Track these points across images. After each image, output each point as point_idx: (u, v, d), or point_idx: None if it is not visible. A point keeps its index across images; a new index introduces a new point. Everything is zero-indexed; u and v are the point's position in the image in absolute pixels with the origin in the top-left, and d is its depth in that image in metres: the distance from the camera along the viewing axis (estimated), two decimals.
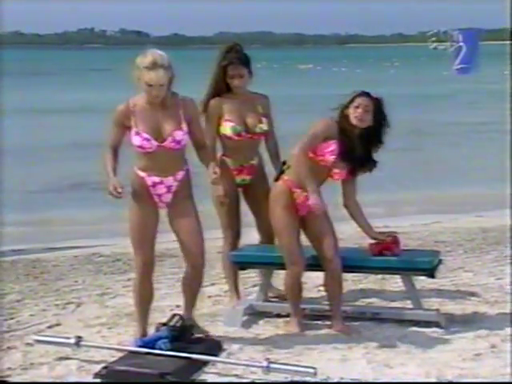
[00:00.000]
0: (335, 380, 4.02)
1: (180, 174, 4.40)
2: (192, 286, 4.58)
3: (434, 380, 4.03)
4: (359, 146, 4.67)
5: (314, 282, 5.59)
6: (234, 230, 5.17)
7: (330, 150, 4.61)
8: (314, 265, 4.78)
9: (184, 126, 4.34)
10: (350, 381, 4.01)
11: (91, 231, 8.83)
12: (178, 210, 4.43)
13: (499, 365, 4.17)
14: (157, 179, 4.36)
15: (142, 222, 4.40)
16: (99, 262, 6.87)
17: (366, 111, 4.63)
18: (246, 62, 5.01)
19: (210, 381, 4.06)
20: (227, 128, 4.99)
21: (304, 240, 4.83)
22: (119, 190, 4.22)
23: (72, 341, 4.37)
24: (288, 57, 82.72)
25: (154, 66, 4.20)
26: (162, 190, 4.39)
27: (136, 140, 4.31)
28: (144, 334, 4.50)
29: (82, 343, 4.37)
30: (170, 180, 4.37)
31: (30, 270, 6.63)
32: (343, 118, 4.66)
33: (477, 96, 26.60)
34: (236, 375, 4.08)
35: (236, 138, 4.99)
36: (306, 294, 5.20)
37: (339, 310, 4.80)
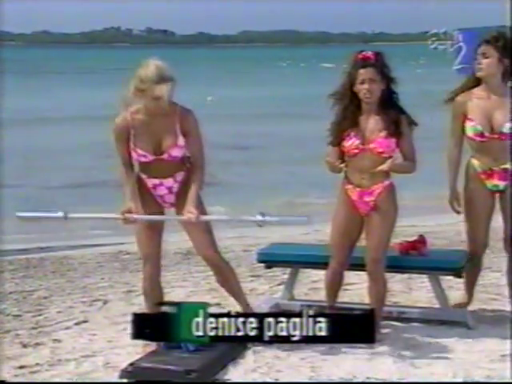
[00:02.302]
0: (360, 380, 4.00)
1: (180, 175, 4.40)
2: (225, 286, 4.63)
3: (460, 380, 4.01)
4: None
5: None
6: (484, 241, 4.94)
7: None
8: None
9: (181, 142, 4.31)
10: (374, 381, 3.99)
11: (117, 228, 8.90)
12: (183, 211, 4.36)
13: None
14: (156, 181, 4.38)
15: (147, 224, 4.40)
16: (125, 260, 6.94)
17: (372, 82, 4.42)
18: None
19: (233, 380, 4.06)
20: (468, 128, 4.66)
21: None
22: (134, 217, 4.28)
23: (60, 214, 4.36)
24: (314, 55, 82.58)
25: (161, 79, 4.14)
26: (163, 191, 4.40)
27: (133, 155, 4.34)
28: None
29: (70, 216, 4.39)
30: (169, 181, 4.38)
31: (57, 267, 6.71)
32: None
33: None
34: (261, 373, 4.09)
35: (478, 138, 4.64)
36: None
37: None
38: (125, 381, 4.02)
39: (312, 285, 5.64)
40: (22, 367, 4.22)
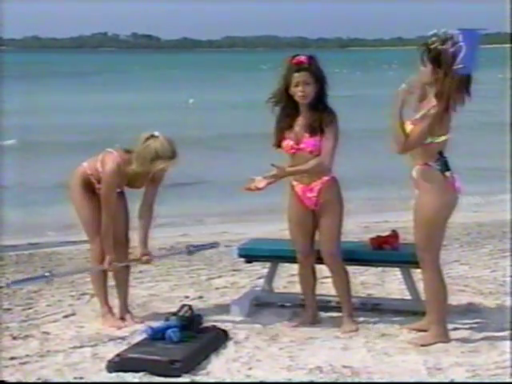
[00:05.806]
0: (337, 367, 4.14)
1: None
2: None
3: (430, 366, 4.15)
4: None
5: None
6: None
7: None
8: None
9: None
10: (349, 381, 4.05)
11: None
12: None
13: (494, 353, 4.31)
14: None
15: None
16: None
17: (306, 84, 4.58)
18: None
19: (215, 370, 4.15)
20: None
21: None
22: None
23: (46, 274, 4.72)
24: None
25: (174, 155, 4.68)
26: None
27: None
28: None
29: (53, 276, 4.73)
30: None
31: (46, 262, 6.78)
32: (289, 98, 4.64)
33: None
34: (242, 363, 4.22)
35: None
36: None
37: (344, 304, 4.83)
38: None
39: (290, 278, 5.78)
40: (12, 358, 4.30)
